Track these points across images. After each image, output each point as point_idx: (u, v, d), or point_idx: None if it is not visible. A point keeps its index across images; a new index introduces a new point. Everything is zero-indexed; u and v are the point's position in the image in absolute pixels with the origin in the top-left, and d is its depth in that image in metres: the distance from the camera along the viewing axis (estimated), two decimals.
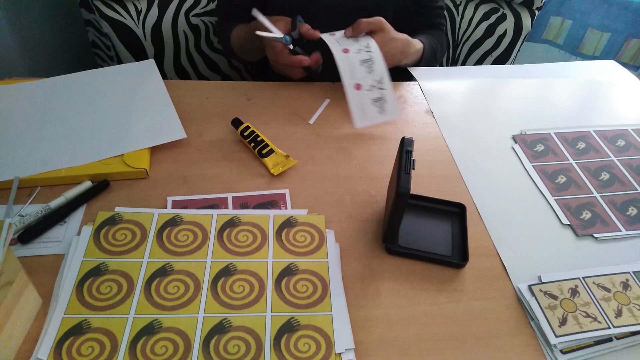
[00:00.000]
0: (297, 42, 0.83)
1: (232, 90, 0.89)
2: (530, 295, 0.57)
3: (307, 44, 0.84)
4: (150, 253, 0.59)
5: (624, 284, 0.59)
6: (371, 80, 0.81)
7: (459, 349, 0.53)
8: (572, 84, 0.97)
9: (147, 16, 1.13)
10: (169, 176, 0.70)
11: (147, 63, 0.89)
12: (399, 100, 0.90)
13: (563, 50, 1.66)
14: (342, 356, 0.51)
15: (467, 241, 0.63)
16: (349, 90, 0.79)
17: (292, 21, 0.84)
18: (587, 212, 0.70)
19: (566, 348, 0.53)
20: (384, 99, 0.81)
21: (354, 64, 0.81)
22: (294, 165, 0.73)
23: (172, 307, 0.54)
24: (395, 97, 0.81)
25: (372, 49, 0.82)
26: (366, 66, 0.81)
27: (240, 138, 0.76)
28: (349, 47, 0.82)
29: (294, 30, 0.82)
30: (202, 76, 1.28)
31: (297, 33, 0.82)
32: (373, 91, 0.81)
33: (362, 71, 0.81)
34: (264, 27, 0.82)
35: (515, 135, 0.83)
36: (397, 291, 0.58)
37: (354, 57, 0.81)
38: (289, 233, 0.63)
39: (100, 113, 0.78)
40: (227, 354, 0.50)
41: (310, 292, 0.56)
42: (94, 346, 0.50)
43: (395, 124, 0.84)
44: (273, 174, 0.71)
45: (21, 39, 1.12)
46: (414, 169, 0.56)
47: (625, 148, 0.81)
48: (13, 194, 0.64)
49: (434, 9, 1.04)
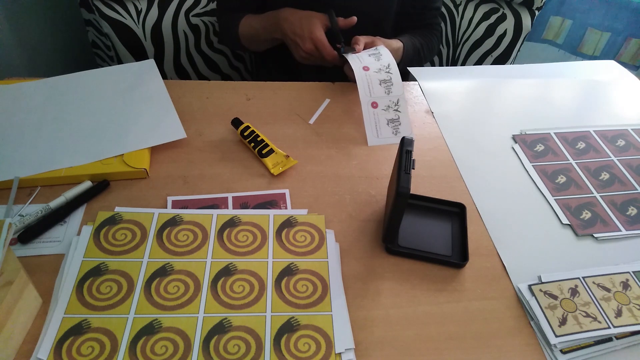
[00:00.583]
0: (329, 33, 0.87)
1: (232, 90, 0.89)
2: (530, 295, 0.57)
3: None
4: (150, 253, 0.59)
5: (624, 284, 0.59)
6: (388, 101, 0.81)
7: (459, 349, 0.53)
8: (572, 84, 0.97)
9: (147, 16, 1.13)
10: (169, 176, 0.70)
11: (147, 63, 0.89)
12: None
13: (563, 50, 1.66)
14: (342, 356, 0.51)
15: (467, 241, 0.63)
16: (365, 108, 0.80)
17: (329, 16, 0.87)
18: (587, 212, 0.70)
19: (566, 348, 0.53)
20: (399, 120, 0.81)
21: (373, 82, 0.82)
22: (294, 165, 0.73)
23: (172, 307, 0.54)
24: (410, 121, 0.82)
25: (392, 71, 0.82)
26: (384, 86, 0.82)
27: (240, 138, 0.76)
28: (369, 65, 0.82)
29: (334, 25, 0.86)
30: (202, 76, 1.28)
31: (335, 25, 0.86)
32: (389, 112, 0.81)
33: (380, 91, 0.81)
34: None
35: (515, 135, 0.83)
36: (397, 291, 0.58)
37: (374, 76, 0.82)
38: (289, 233, 0.63)
39: (100, 113, 0.78)
40: (227, 353, 0.50)
41: (310, 292, 0.56)
42: (94, 346, 0.50)
43: None
44: (273, 174, 0.71)
45: (21, 39, 1.12)
46: (414, 169, 0.56)
47: (625, 148, 0.81)
48: (13, 194, 0.64)
49: (431, 10, 1.05)
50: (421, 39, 1.02)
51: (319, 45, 0.84)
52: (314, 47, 0.85)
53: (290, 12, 0.88)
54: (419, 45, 1.01)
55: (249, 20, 0.97)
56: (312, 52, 0.86)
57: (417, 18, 1.04)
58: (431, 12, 1.05)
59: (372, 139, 0.80)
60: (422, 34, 1.03)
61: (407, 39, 0.98)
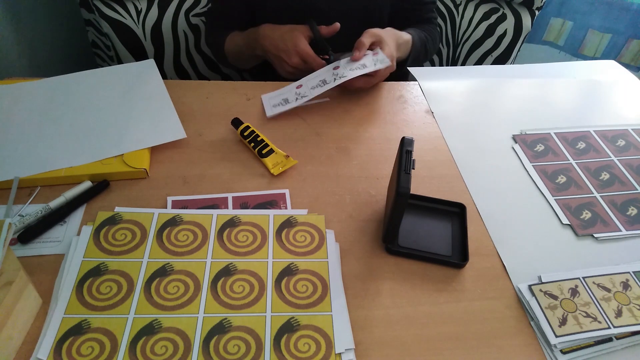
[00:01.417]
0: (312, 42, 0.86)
1: (232, 90, 0.89)
2: (530, 295, 0.57)
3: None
4: (150, 253, 0.59)
5: (624, 284, 0.59)
6: (313, 83, 0.82)
7: (459, 349, 0.53)
8: (572, 84, 0.97)
9: (147, 16, 1.13)
10: (169, 176, 0.70)
11: (147, 63, 0.89)
12: (399, 100, 0.90)
13: (564, 51, 1.65)
14: (342, 356, 0.51)
15: (467, 241, 0.63)
16: (288, 87, 0.84)
17: (311, 27, 0.86)
18: (587, 212, 0.70)
19: (566, 348, 0.53)
20: (302, 96, 0.82)
21: (322, 72, 0.83)
22: (294, 165, 0.73)
23: (172, 307, 0.54)
24: (305, 101, 0.82)
25: (367, 67, 0.81)
26: (330, 74, 0.82)
27: (240, 138, 0.76)
28: (342, 66, 0.83)
29: (316, 34, 0.85)
30: (202, 76, 1.28)
31: (318, 35, 0.86)
32: (300, 90, 0.83)
33: (318, 77, 0.83)
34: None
35: (515, 135, 0.83)
36: (397, 291, 0.58)
37: (329, 69, 0.83)
38: (289, 233, 0.63)
39: (100, 113, 0.78)
40: (227, 354, 0.50)
41: (310, 292, 0.56)
42: (94, 346, 0.50)
43: (395, 123, 0.84)
44: (273, 174, 0.71)
45: (21, 38, 1.12)
46: (414, 169, 0.56)
47: (625, 148, 0.81)
48: (13, 194, 0.64)
49: (426, 4, 1.05)
50: (425, 33, 1.02)
51: (307, 58, 0.84)
52: (301, 61, 0.84)
53: (270, 29, 0.88)
54: (424, 38, 1.01)
55: (234, 37, 0.98)
56: (299, 65, 0.85)
57: (413, 14, 1.04)
58: (426, 5, 1.06)
59: (268, 112, 0.83)
60: (424, 29, 1.03)
61: (413, 31, 0.98)
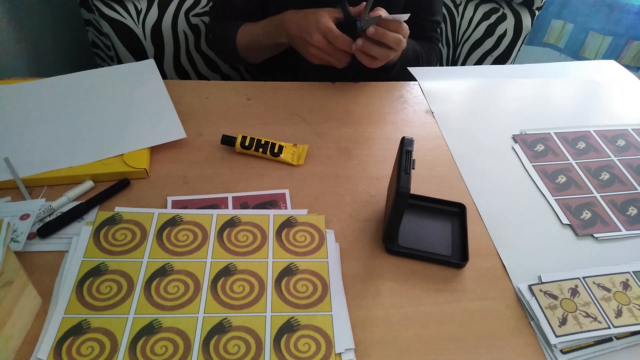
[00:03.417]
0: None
1: (232, 90, 0.89)
2: (530, 295, 0.57)
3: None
4: (150, 253, 0.59)
5: (624, 284, 0.59)
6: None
7: (459, 349, 0.53)
8: (572, 84, 0.97)
9: (147, 16, 1.13)
10: (169, 176, 0.70)
11: (147, 63, 0.89)
12: (399, 100, 0.90)
13: (564, 54, 1.65)
14: (342, 356, 0.51)
15: (467, 241, 0.63)
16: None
17: (343, 9, 0.81)
18: (587, 212, 0.70)
19: (566, 348, 0.53)
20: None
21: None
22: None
23: (172, 307, 0.54)
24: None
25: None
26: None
27: (243, 150, 0.74)
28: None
29: (347, 15, 0.80)
30: (202, 76, 1.28)
31: (348, 15, 0.80)
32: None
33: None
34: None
35: (515, 135, 0.83)
36: (397, 291, 0.58)
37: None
38: (289, 233, 0.63)
39: (100, 113, 0.78)
40: (227, 354, 0.50)
41: (310, 292, 0.56)
42: (94, 346, 0.50)
43: (395, 123, 0.84)
44: (299, 164, 0.73)
45: (21, 39, 1.12)
46: (414, 169, 0.56)
47: (625, 148, 0.81)
48: (24, 189, 0.65)
49: (431, 23, 1.04)
50: (422, 47, 1.01)
51: (327, 33, 0.77)
52: (323, 39, 0.79)
53: (294, 12, 0.85)
54: (419, 50, 1.00)
55: (248, 27, 0.94)
56: (322, 43, 0.79)
57: (416, 28, 1.03)
58: (430, 24, 1.04)
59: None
60: (422, 45, 1.02)
61: (409, 41, 0.97)
